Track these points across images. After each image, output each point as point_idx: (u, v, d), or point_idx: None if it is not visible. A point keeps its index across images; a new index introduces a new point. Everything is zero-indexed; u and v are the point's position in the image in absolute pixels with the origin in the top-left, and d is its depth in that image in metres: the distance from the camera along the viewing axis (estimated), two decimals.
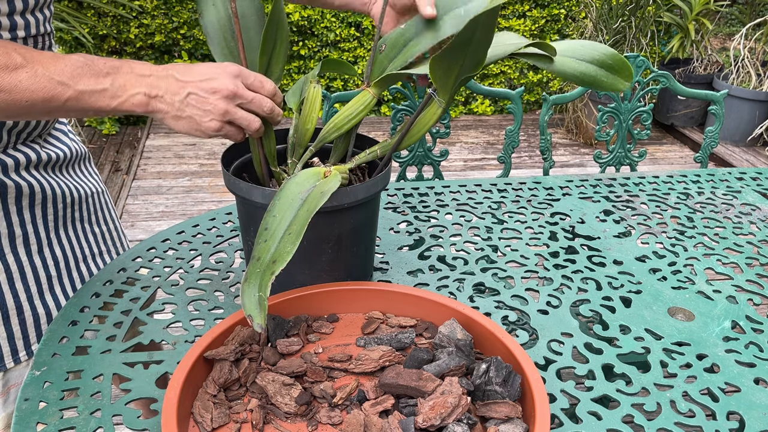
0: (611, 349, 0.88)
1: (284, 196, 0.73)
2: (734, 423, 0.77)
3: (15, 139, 0.87)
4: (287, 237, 0.70)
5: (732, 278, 1.07)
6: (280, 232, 0.71)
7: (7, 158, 0.86)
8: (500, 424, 0.68)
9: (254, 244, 0.71)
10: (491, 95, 1.64)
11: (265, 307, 0.67)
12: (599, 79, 0.83)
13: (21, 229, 0.88)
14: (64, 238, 0.96)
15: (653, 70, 1.67)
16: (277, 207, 0.72)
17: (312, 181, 0.76)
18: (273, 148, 0.89)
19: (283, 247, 0.69)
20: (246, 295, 0.68)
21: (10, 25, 0.78)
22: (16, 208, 0.87)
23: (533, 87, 4.24)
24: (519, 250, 1.13)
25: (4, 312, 0.88)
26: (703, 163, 1.73)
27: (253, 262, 0.69)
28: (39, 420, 0.72)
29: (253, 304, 0.67)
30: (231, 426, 0.69)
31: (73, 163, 1.00)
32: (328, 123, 0.89)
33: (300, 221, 0.71)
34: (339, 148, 0.94)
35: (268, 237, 0.71)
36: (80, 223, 1.00)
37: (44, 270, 0.93)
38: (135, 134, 3.76)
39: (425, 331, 0.84)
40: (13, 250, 0.88)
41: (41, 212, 0.91)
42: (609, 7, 3.59)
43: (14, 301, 0.89)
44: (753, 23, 3.79)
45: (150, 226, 2.82)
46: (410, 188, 1.35)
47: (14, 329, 0.89)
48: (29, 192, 0.88)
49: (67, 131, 1.01)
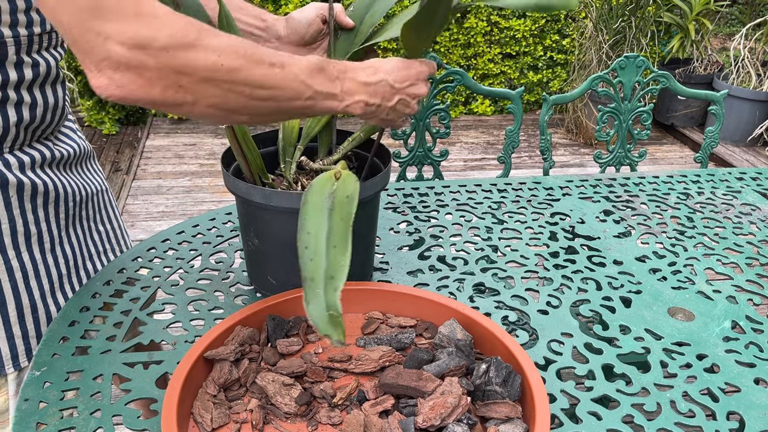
0: (611, 349, 0.88)
1: (310, 211, 0.72)
2: (734, 423, 0.77)
3: (30, 137, 0.88)
4: (333, 251, 0.69)
5: (732, 278, 1.07)
6: (323, 247, 0.69)
7: (24, 156, 0.86)
8: (500, 424, 0.68)
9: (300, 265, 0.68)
10: (491, 95, 1.64)
11: (340, 323, 0.65)
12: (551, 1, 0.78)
13: (36, 227, 0.89)
14: (73, 236, 0.97)
15: (653, 70, 1.67)
16: (309, 223, 0.71)
17: (328, 187, 0.75)
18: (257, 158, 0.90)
19: (336, 261, 0.68)
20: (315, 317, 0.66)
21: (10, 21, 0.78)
22: (32, 206, 0.88)
23: (533, 87, 4.24)
24: (519, 250, 1.13)
25: (19, 311, 0.88)
26: (703, 163, 1.73)
27: (308, 284, 0.67)
28: (39, 420, 0.72)
29: (325, 323, 0.65)
30: (231, 426, 0.69)
31: (81, 161, 1.01)
32: (307, 119, 0.91)
33: (340, 232, 0.70)
34: (324, 142, 0.96)
35: (312, 255, 0.69)
36: (87, 221, 1.01)
37: (56, 268, 0.93)
38: (135, 134, 3.76)
39: (425, 331, 0.84)
40: (28, 249, 0.88)
41: (54, 210, 0.92)
42: (609, 7, 3.59)
43: (29, 299, 0.89)
44: (753, 23, 3.79)
45: (150, 226, 2.82)
46: (410, 188, 1.35)
47: (28, 327, 0.89)
48: (43, 190, 0.89)
49: (75, 129, 1.01)
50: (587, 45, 3.73)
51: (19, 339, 0.89)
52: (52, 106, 0.88)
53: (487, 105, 4.21)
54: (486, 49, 4.08)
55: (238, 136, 0.85)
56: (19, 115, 0.83)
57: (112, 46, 0.58)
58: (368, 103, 0.75)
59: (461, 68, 3.32)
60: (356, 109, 0.75)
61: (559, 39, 4.14)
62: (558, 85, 4.23)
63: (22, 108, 0.83)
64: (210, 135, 3.76)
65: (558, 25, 4.12)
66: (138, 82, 0.60)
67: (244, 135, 0.86)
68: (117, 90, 0.60)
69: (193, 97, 0.63)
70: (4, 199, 0.84)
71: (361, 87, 0.74)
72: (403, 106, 0.79)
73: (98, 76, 0.59)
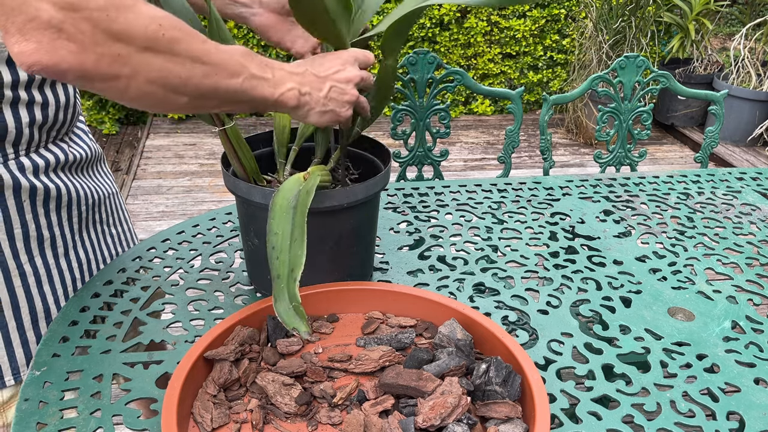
0: (611, 349, 0.88)
1: (277, 213, 0.75)
2: (734, 423, 0.77)
3: (45, 138, 0.87)
4: (294, 245, 0.72)
5: (732, 278, 1.07)
6: (287, 244, 0.72)
7: (39, 159, 0.86)
8: (500, 424, 0.68)
9: (270, 266, 0.72)
10: (491, 95, 1.64)
11: (303, 314, 0.69)
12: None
13: (49, 232, 0.88)
14: (87, 241, 0.97)
15: (653, 70, 1.67)
16: (275, 224, 0.74)
17: (296, 188, 0.78)
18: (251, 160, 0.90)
19: (295, 254, 0.72)
20: (282, 312, 0.69)
21: None
22: (44, 210, 0.87)
23: (533, 87, 4.24)
24: (519, 250, 1.13)
25: (33, 316, 0.88)
26: (703, 163, 1.73)
27: (276, 282, 0.71)
28: (39, 420, 0.72)
29: (291, 317, 0.68)
30: (231, 426, 0.69)
31: (92, 164, 1.00)
32: None
33: (299, 226, 0.73)
34: (321, 144, 0.96)
35: (278, 254, 0.72)
36: (99, 225, 1.00)
37: (69, 272, 0.93)
38: (135, 134, 3.76)
39: (425, 331, 0.84)
40: (41, 253, 0.88)
41: (67, 214, 0.91)
42: (609, 7, 3.59)
43: (42, 304, 0.89)
44: (753, 23, 3.79)
45: (150, 226, 2.82)
46: (410, 188, 1.35)
47: (43, 333, 0.89)
48: (56, 194, 0.88)
49: (86, 131, 1.01)
50: (587, 45, 3.73)
51: (33, 344, 0.88)
52: (63, 105, 0.88)
53: (487, 105, 4.21)
54: (486, 49, 4.08)
55: (231, 139, 0.85)
56: (31, 116, 0.82)
57: (41, 3, 0.51)
58: (301, 92, 0.73)
59: (461, 68, 3.32)
60: (291, 98, 0.72)
61: (559, 39, 4.14)
62: (558, 85, 4.23)
63: (34, 108, 0.83)
64: (210, 135, 3.76)
65: (558, 25, 4.12)
66: (69, 47, 0.53)
67: (238, 138, 0.86)
68: (45, 56, 0.53)
69: (130, 70, 0.57)
70: (17, 204, 0.83)
71: (289, 76, 0.72)
72: (339, 93, 0.76)
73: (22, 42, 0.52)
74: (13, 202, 0.83)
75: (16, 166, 0.83)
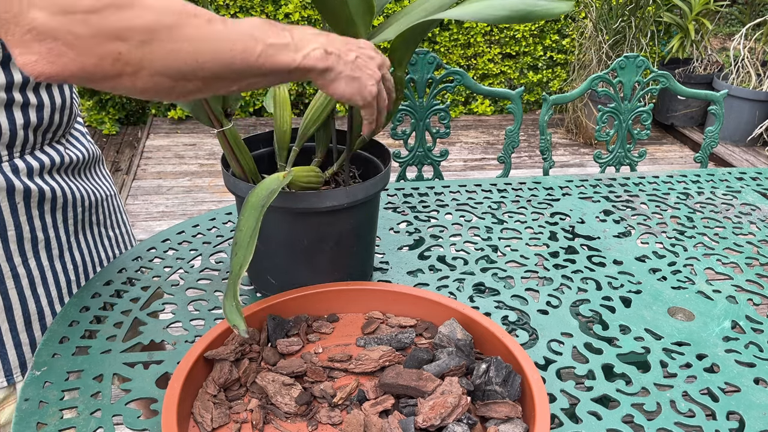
0: (611, 349, 0.88)
1: (247, 210, 0.74)
2: (734, 423, 0.77)
3: (41, 140, 0.87)
4: (249, 241, 0.71)
5: (732, 278, 1.07)
6: (246, 242, 0.72)
7: (34, 161, 0.85)
8: (500, 424, 0.68)
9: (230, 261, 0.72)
10: (491, 95, 1.64)
11: (241, 313, 0.68)
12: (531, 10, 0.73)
13: (43, 234, 0.88)
14: (83, 243, 0.96)
15: (653, 70, 1.67)
16: (243, 221, 0.73)
17: (272, 186, 0.77)
18: (250, 161, 0.90)
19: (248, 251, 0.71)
20: (226, 308, 0.69)
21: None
22: (39, 212, 0.87)
23: (533, 87, 4.24)
24: (519, 250, 1.13)
25: (26, 318, 0.87)
26: (703, 163, 1.73)
27: (230, 278, 0.71)
28: (39, 420, 0.72)
29: (234, 314, 0.68)
30: (231, 426, 0.69)
31: (89, 166, 1.00)
32: (303, 119, 0.91)
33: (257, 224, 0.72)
34: (321, 143, 0.96)
35: (237, 250, 0.72)
36: (96, 227, 1.00)
37: (64, 275, 0.92)
38: (135, 134, 3.76)
39: (425, 331, 0.84)
40: (35, 255, 0.88)
41: (62, 216, 0.91)
42: (609, 7, 3.59)
43: (36, 306, 0.88)
44: (753, 23, 3.79)
45: (150, 226, 2.82)
46: (410, 188, 1.35)
47: (36, 335, 0.89)
48: (51, 196, 0.88)
49: (84, 132, 1.00)
50: (587, 45, 3.73)
51: (26, 347, 0.88)
52: (59, 107, 0.87)
53: (487, 105, 4.21)
54: (486, 49, 4.08)
55: (230, 140, 0.86)
56: (26, 118, 0.82)
57: (35, 12, 0.51)
58: (327, 51, 0.68)
59: (461, 68, 3.32)
60: (317, 59, 0.67)
61: (559, 39, 4.14)
62: (558, 85, 4.23)
63: (29, 110, 0.82)
64: (210, 135, 3.76)
65: (558, 25, 4.12)
66: (68, 54, 0.53)
67: (236, 139, 0.86)
68: (48, 66, 0.53)
69: (133, 66, 0.56)
70: (11, 206, 0.83)
71: (313, 36, 0.68)
72: (366, 62, 0.72)
73: (25, 54, 0.52)
74: (6, 204, 0.82)
75: (10, 168, 0.82)
